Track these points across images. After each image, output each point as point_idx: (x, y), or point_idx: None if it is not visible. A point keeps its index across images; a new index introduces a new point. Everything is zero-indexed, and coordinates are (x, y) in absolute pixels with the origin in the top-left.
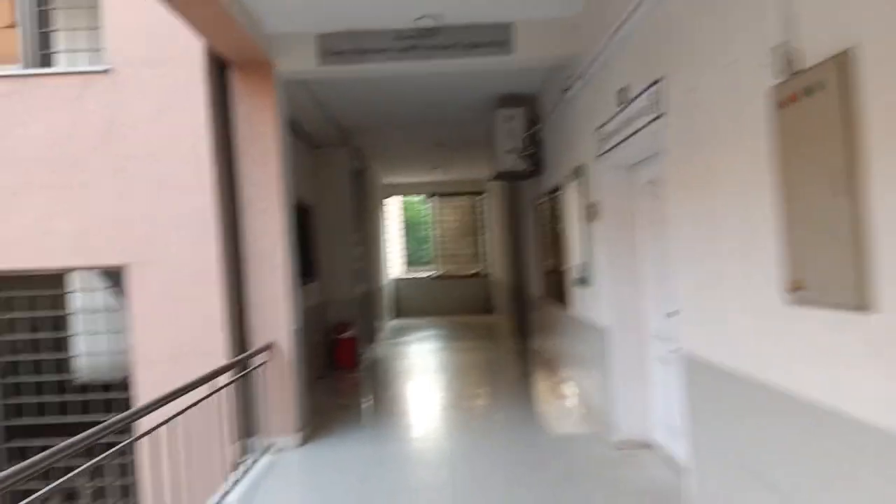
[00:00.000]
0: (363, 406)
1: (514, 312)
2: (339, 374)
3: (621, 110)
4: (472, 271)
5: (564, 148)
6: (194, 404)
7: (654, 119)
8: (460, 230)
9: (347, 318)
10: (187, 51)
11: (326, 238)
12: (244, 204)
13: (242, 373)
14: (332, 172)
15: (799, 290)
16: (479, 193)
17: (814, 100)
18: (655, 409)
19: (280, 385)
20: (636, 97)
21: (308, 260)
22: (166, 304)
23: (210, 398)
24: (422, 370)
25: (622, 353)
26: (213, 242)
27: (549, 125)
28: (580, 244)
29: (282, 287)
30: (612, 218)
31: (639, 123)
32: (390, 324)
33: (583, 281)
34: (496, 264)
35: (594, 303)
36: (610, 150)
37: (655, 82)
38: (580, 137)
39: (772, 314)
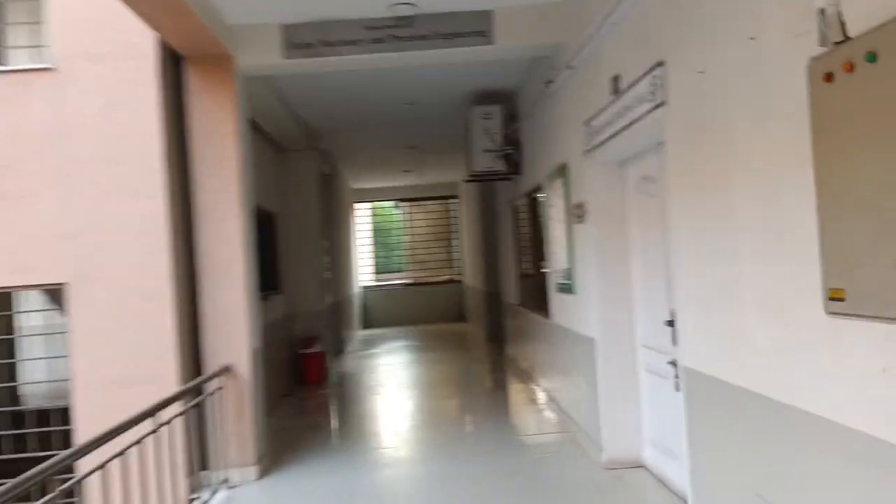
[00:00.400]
0: (331, 427)
1: (488, 320)
2: (306, 391)
3: (614, 101)
4: (444, 277)
5: (546, 145)
6: (138, 441)
7: (654, 108)
8: (432, 235)
9: (315, 330)
10: (138, 45)
11: (292, 247)
12: (199, 211)
13: (195, 400)
14: (299, 177)
15: (840, 299)
16: (452, 198)
17: (875, 68)
18: (646, 425)
19: (237, 412)
20: (631, 85)
21: (272, 271)
22: (112, 324)
23: (159, 431)
24: (393, 384)
25: (609, 364)
26: (165, 255)
27: (528, 123)
28: (564, 248)
29: (241, 302)
30: (601, 219)
31: (634, 114)
32: (359, 335)
33: (566, 287)
34: (469, 270)
35: (579, 311)
36: (600, 144)
37: (655, 67)
38: (565, 133)
39: (803, 326)
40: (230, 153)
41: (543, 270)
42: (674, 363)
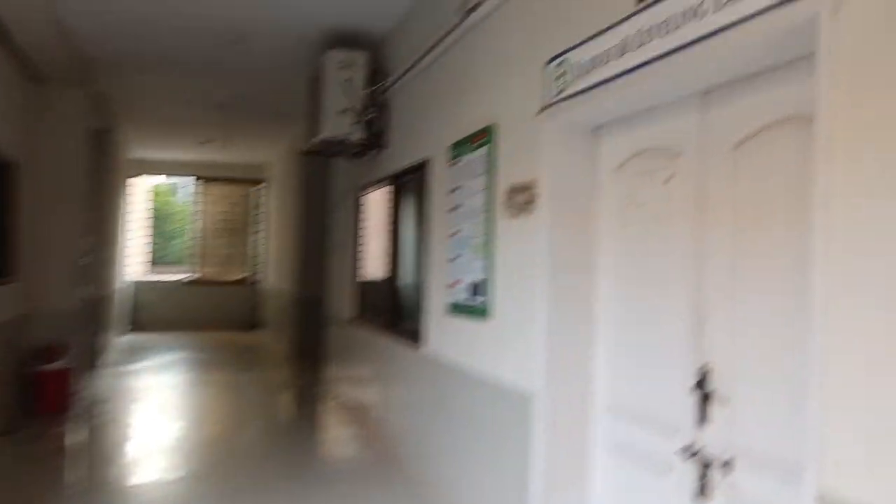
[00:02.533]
0: (72, 488)
1: (298, 332)
2: (41, 425)
3: (643, 9)
4: (237, 277)
5: (452, 105)
6: None
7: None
8: (227, 225)
9: (61, 337)
10: None
11: (41, 215)
12: None
13: None
14: (60, 120)
15: None
16: (257, 182)
17: None
18: None
19: None
20: None
21: (2, 247)
22: None
23: None
24: (166, 418)
25: (558, 436)
26: None
27: (409, 78)
28: (477, 251)
29: None
30: (561, 211)
31: (710, 22)
32: (123, 340)
33: (471, 310)
34: (275, 270)
35: (495, 346)
36: (583, 91)
37: None
38: (501, 80)
39: None
40: None
41: (416, 280)
42: (693, 452)
